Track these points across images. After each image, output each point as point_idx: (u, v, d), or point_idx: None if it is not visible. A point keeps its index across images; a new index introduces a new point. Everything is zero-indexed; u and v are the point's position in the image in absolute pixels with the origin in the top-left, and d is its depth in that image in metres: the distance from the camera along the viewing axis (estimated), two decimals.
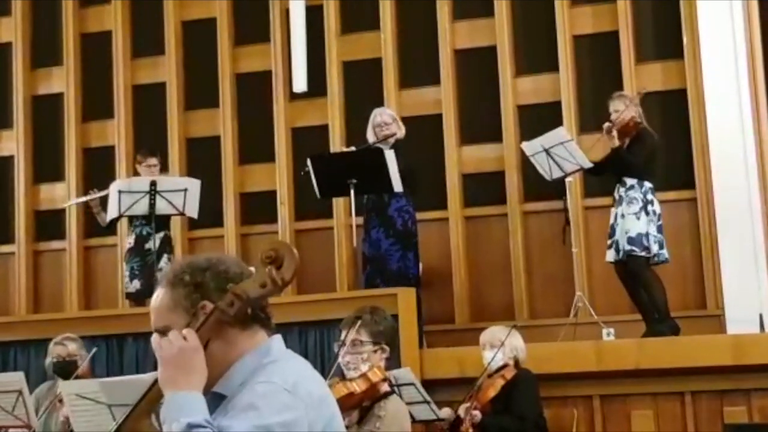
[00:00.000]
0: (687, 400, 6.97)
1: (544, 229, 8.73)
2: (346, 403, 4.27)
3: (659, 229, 7.47)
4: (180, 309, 2.58)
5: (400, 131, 8.04)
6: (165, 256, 8.38)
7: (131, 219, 8.51)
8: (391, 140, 7.93)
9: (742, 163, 8.18)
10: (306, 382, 2.55)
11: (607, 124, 7.56)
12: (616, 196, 7.58)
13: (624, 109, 7.58)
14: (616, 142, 7.53)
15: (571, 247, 8.14)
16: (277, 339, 2.66)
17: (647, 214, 7.41)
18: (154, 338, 2.56)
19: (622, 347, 7.23)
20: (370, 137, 8.04)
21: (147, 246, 8.40)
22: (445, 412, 6.20)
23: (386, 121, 8.00)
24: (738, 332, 7.47)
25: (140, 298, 8.37)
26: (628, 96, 7.76)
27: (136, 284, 8.40)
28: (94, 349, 6.85)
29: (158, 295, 2.64)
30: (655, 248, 7.39)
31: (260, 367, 2.55)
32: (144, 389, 2.59)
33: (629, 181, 7.51)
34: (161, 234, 8.42)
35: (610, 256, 7.55)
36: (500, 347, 6.23)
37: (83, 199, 9.03)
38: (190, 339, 2.50)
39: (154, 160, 8.66)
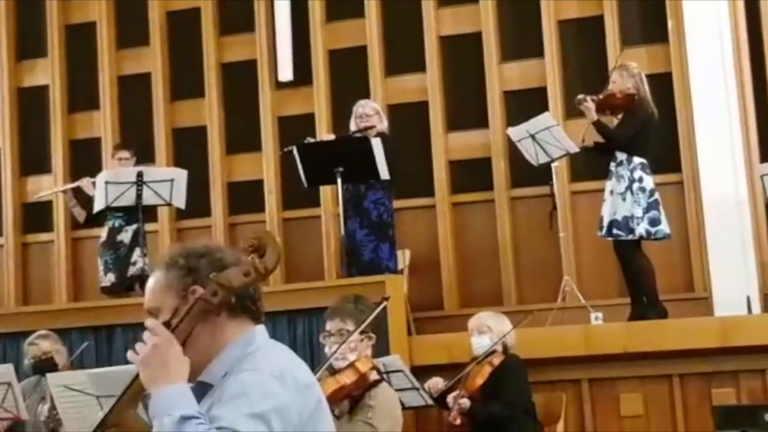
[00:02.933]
0: (675, 383, 7.00)
1: (531, 215, 8.73)
2: (337, 396, 4.28)
3: (651, 206, 7.35)
4: (172, 291, 2.61)
5: (382, 124, 8.06)
6: (137, 249, 8.33)
7: (107, 212, 8.45)
8: (372, 132, 7.94)
9: (728, 146, 8.20)
10: (291, 368, 2.57)
11: (580, 96, 7.51)
12: (610, 169, 7.53)
13: (620, 79, 7.50)
14: (593, 116, 7.44)
15: (559, 233, 8.16)
16: (261, 329, 2.68)
17: (632, 193, 7.31)
18: (148, 322, 2.57)
19: (610, 331, 7.26)
20: (352, 127, 8.07)
21: (119, 238, 8.38)
22: (434, 382, 6.22)
23: (368, 113, 8.03)
24: (725, 315, 7.50)
25: (115, 291, 8.34)
26: (625, 66, 7.62)
27: (111, 278, 8.35)
28: (84, 344, 6.85)
29: (154, 276, 2.67)
30: (641, 228, 7.32)
31: (244, 356, 2.57)
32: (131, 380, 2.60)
33: (619, 156, 7.42)
34: (134, 227, 8.36)
35: (600, 231, 7.52)
36: (501, 339, 6.24)
37: (64, 187, 9.03)
38: (160, 333, 2.51)
39: (125, 153, 8.64)
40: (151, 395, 2.47)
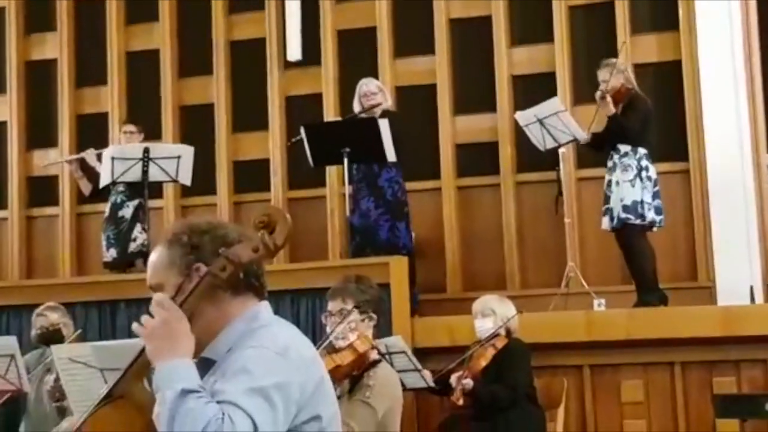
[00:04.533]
0: (677, 371, 7.01)
1: (536, 200, 8.73)
2: (334, 376, 4.28)
3: (655, 195, 7.45)
4: (174, 268, 2.60)
5: (386, 101, 8.05)
6: (138, 225, 8.34)
7: (111, 187, 8.46)
8: (377, 110, 7.93)
9: (735, 135, 8.19)
10: (296, 344, 2.58)
11: (599, 92, 7.55)
12: (610, 163, 7.56)
13: (609, 77, 7.55)
14: (612, 109, 7.50)
15: (564, 218, 8.16)
16: (265, 305, 2.69)
17: (641, 180, 7.39)
18: (157, 296, 2.57)
19: (613, 317, 7.26)
20: (356, 107, 8.05)
21: (120, 214, 8.40)
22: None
23: (372, 90, 8.01)
24: (728, 304, 7.50)
25: (116, 267, 8.37)
26: (612, 63, 7.66)
27: (113, 253, 8.39)
28: (79, 331, 6.88)
29: (156, 252, 2.66)
30: (650, 215, 7.38)
31: (249, 332, 2.57)
32: (136, 353, 2.61)
33: (623, 148, 7.48)
34: (135, 202, 8.37)
35: (605, 223, 7.55)
36: (504, 323, 6.24)
37: (70, 158, 9.05)
38: (170, 308, 2.51)
39: (132, 127, 8.65)
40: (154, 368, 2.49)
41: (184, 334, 2.50)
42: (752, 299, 7.68)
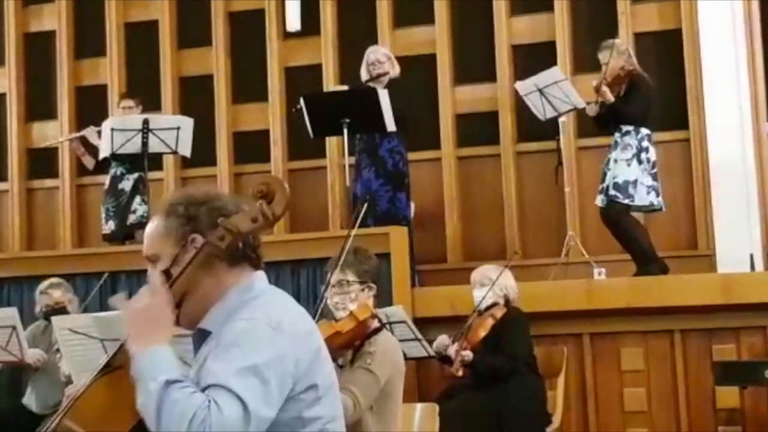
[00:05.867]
0: (676, 339, 7.03)
1: (537, 170, 8.73)
2: (334, 342, 4.27)
3: (655, 177, 7.45)
4: (171, 239, 2.59)
5: (394, 70, 8.02)
6: (138, 197, 8.34)
7: (111, 160, 8.45)
8: (385, 79, 7.90)
9: (735, 103, 8.17)
10: (290, 316, 2.57)
11: (595, 83, 7.49)
12: (612, 141, 7.55)
13: (609, 59, 7.50)
14: (610, 98, 7.44)
15: (564, 187, 8.15)
16: (261, 275, 2.67)
17: (640, 162, 7.36)
18: (152, 277, 2.57)
19: (613, 286, 7.28)
20: (364, 75, 8.02)
21: (120, 186, 8.40)
22: (441, 339, 6.24)
23: (380, 59, 7.98)
24: (728, 272, 7.51)
25: (115, 239, 8.38)
26: (612, 44, 7.60)
27: (111, 225, 8.39)
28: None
29: (153, 223, 2.65)
30: (642, 197, 7.34)
31: (243, 303, 2.55)
32: None
33: (625, 127, 7.46)
34: (135, 175, 8.36)
35: (599, 200, 7.55)
36: (490, 286, 6.25)
37: (69, 136, 9.05)
38: (159, 293, 2.51)
39: (129, 102, 8.62)
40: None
41: (166, 322, 2.49)
42: (752, 267, 7.69)
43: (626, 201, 7.35)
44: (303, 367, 2.49)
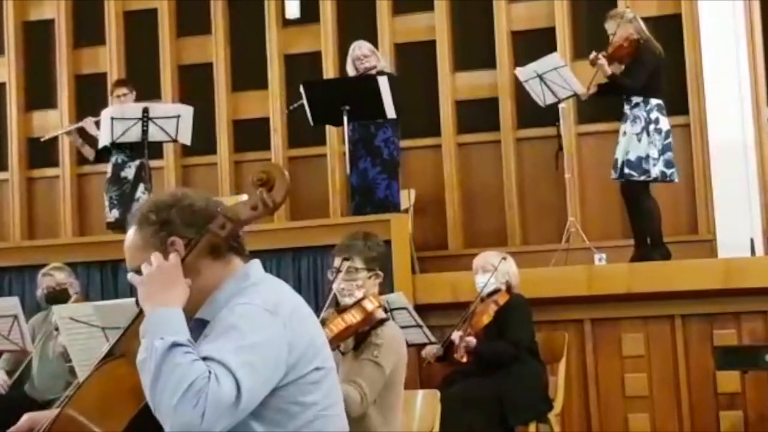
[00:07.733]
0: (677, 324, 7.03)
1: (537, 156, 8.73)
2: (343, 335, 4.30)
3: (667, 147, 7.32)
4: (149, 248, 2.60)
5: (380, 62, 8.03)
6: (141, 185, 8.31)
7: (112, 148, 8.43)
8: (373, 72, 7.90)
9: (735, 88, 8.17)
10: (287, 301, 2.59)
11: (592, 55, 7.43)
12: (623, 112, 7.48)
13: (617, 28, 7.44)
14: (607, 71, 7.39)
15: (564, 174, 8.15)
16: (255, 263, 2.69)
17: (648, 134, 7.27)
18: (131, 277, 2.59)
19: (614, 272, 7.27)
20: (351, 71, 8.02)
21: (123, 174, 8.38)
22: (429, 349, 6.25)
23: (364, 53, 7.98)
24: (729, 256, 7.51)
25: (119, 227, 8.35)
26: (619, 14, 7.55)
27: (115, 213, 8.36)
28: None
29: (129, 236, 2.66)
30: (656, 170, 7.27)
31: (240, 290, 2.58)
32: (136, 313, 2.62)
33: (635, 99, 7.35)
34: (137, 162, 8.35)
35: (613, 174, 7.49)
36: (493, 272, 6.25)
37: (68, 128, 9.03)
38: (170, 258, 2.53)
39: (123, 89, 8.57)
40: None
41: (178, 283, 2.52)
42: (752, 252, 7.69)
43: (642, 177, 7.29)
44: (298, 353, 2.52)
